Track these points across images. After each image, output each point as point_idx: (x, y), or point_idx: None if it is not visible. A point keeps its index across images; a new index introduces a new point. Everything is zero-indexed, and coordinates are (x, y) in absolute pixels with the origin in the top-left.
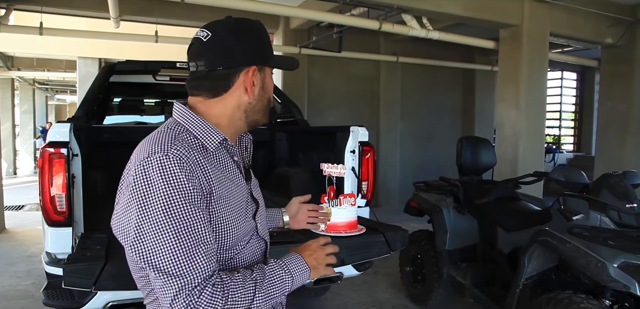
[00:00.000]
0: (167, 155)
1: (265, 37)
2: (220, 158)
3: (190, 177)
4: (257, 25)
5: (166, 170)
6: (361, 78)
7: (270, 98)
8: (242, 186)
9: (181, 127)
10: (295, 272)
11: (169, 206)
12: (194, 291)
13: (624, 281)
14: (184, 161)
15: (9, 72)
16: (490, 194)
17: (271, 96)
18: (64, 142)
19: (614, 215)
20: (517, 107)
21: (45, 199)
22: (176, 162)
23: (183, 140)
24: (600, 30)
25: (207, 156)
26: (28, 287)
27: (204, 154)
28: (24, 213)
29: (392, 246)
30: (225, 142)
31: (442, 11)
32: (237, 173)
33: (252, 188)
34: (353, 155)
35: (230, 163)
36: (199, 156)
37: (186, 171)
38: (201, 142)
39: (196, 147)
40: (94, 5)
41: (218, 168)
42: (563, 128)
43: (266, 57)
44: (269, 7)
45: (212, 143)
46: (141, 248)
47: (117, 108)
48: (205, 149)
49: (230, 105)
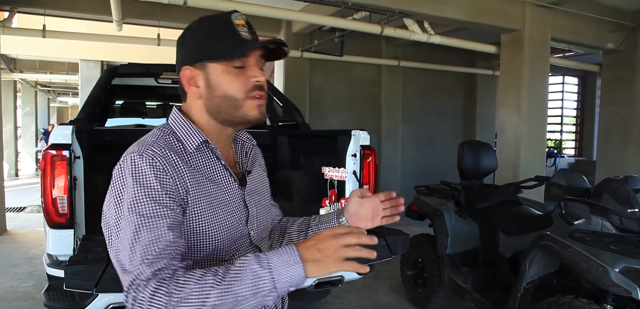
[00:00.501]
0: (141, 154)
1: (207, 33)
2: (203, 160)
3: (160, 176)
4: (203, 21)
5: (137, 168)
6: (363, 82)
7: (226, 96)
8: (233, 191)
9: (169, 129)
10: (277, 266)
11: (134, 204)
12: (140, 285)
13: (625, 286)
14: (156, 160)
15: (11, 74)
16: (491, 198)
17: (228, 93)
18: (66, 144)
19: (615, 220)
20: (518, 111)
21: (47, 201)
22: (147, 161)
23: (163, 142)
24: (601, 35)
25: (187, 158)
26: (29, 289)
27: (183, 156)
28: (25, 214)
29: (393, 250)
30: (206, 144)
31: (444, 16)
32: (226, 176)
33: (247, 194)
34: (354, 159)
35: (217, 165)
36: (175, 158)
37: (156, 170)
38: (183, 143)
39: (176, 149)
40: (97, 8)
41: (198, 171)
42: (564, 132)
43: (203, 53)
44: (271, 11)
45: (192, 144)
46: (110, 243)
47: (119, 111)
48: (185, 151)
49: (195, 108)
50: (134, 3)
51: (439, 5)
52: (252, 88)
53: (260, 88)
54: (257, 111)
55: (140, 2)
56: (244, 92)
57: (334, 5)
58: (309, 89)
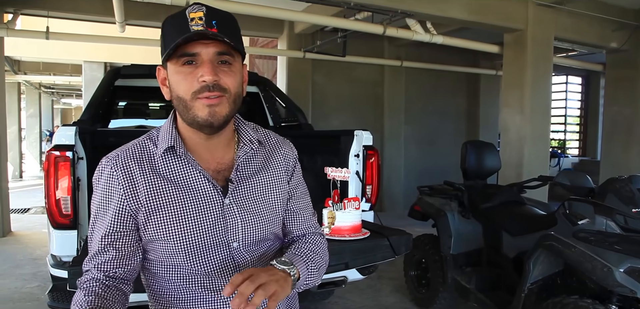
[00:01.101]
0: (106, 157)
1: (166, 30)
2: (173, 166)
3: (108, 182)
4: (167, 19)
5: (96, 171)
6: (365, 82)
7: (177, 97)
8: (209, 199)
9: (156, 132)
10: None
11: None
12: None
13: (630, 286)
14: (110, 165)
15: (15, 76)
16: (495, 198)
17: (179, 94)
18: (70, 145)
19: (619, 220)
20: (521, 111)
21: (51, 202)
22: (102, 167)
23: (132, 147)
24: (605, 34)
25: (155, 164)
26: (33, 290)
27: (152, 162)
28: (29, 216)
29: (397, 250)
30: (172, 150)
31: (446, 15)
32: (200, 182)
33: (231, 203)
34: (357, 159)
35: (189, 171)
36: (135, 165)
37: (106, 176)
38: (157, 148)
39: (143, 155)
40: (100, 10)
41: (165, 178)
42: (568, 132)
43: (162, 53)
44: (274, 12)
45: (160, 150)
46: None
47: (122, 112)
48: (155, 157)
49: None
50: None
51: (441, 5)
52: (199, 89)
53: (209, 88)
54: (205, 112)
55: (143, 4)
56: (191, 94)
57: (336, 5)
58: (312, 90)
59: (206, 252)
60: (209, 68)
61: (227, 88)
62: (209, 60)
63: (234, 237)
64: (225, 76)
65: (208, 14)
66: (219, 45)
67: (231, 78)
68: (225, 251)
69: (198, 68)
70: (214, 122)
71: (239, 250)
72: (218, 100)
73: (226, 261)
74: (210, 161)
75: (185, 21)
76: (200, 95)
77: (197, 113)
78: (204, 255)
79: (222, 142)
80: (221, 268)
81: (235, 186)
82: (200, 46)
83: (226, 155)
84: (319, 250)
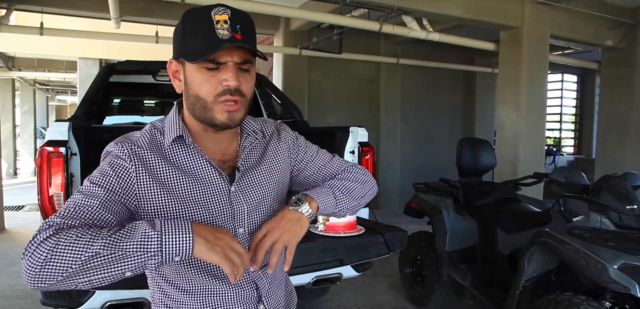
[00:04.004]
0: (115, 143)
1: (186, 28)
2: (181, 155)
3: (116, 165)
4: (187, 14)
5: (106, 152)
6: (361, 79)
7: (197, 96)
8: (216, 187)
9: (162, 123)
10: (167, 231)
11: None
12: (42, 228)
13: (624, 283)
14: (118, 148)
15: (9, 73)
16: (490, 195)
17: (199, 95)
18: (63, 141)
19: (614, 217)
20: (517, 108)
21: (44, 198)
22: (112, 147)
23: (143, 137)
24: (600, 32)
25: (165, 152)
26: (27, 287)
27: (161, 150)
28: (23, 213)
29: (391, 247)
30: (180, 139)
31: (443, 13)
32: (208, 171)
33: (237, 191)
34: (352, 156)
35: (198, 159)
36: (146, 153)
37: (116, 158)
38: (165, 138)
39: (152, 143)
40: (95, 6)
41: (174, 165)
42: (563, 130)
43: (181, 50)
44: (270, 8)
45: (168, 139)
46: None
47: (117, 109)
48: (164, 145)
49: (184, 101)
50: (132, 0)
51: (437, 2)
52: (221, 92)
53: (230, 92)
54: (224, 116)
55: (138, 0)
56: (213, 96)
57: (332, 2)
58: (308, 87)
59: None
60: (233, 74)
61: (245, 94)
62: (233, 66)
63: (240, 223)
64: (245, 82)
65: (232, 17)
66: (243, 54)
67: (249, 84)
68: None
69: (221, 72)
70: (231, 125)
71: (244, 235)
72: (237, 106)
73: None
74: (216, 152)
75: (210, 24)
76: (221, 98)
77: (216, 116)
78: None
79: (228, 134)
80: None
81: (241, 175)
82: (227, 55)
83: (230, 146)
84: (351, 177)
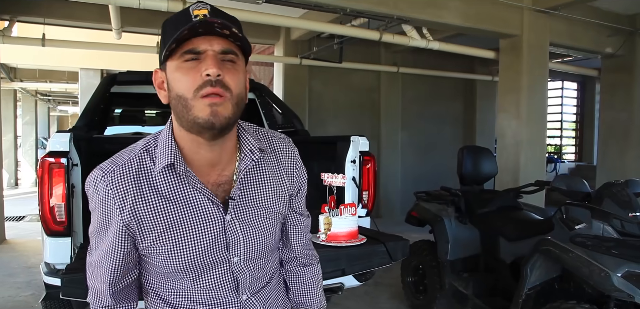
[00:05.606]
0: (100, 170)
1: (167, 28)
2: (171, 183)
3: (104, 203)
4: (169, 18)
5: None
6: (362, 88)
7: (177, 95)
8: (209, 217)
9: (154, 142)
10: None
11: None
12: None
13: (627, 291)
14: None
15: (11, 83)
16: (491, 204)
17: (178, 92)
18: (64, 152)
19: (616, 224)
20: (518, 116)
21: (45, 209)
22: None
23: (129, 163)
24: (600, 40)
25: (153, 180)
26: (27, 298)
27: (146, 178)
28: (24, 223)
29: (393, 256)
30: (172, 167)
31: (442, 21)
32: (201, 201)
33: (233, 219)
34: (354, 165)
35: (189, 189)
36: (131, 183)
37: (102, 195)
38: (154, 163)
39: (140, 171)
40: (96, 17)
41: (163, 196)
42: (564, 137)
43: (162, 52)
44: (270, 18)
45: (158, 165)
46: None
47: (118, 119)
48: (152, 172)
49: (172, 113)
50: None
51: (437, 11)
52: (202, 85)
53: (211, 84)
54: (206, 112)
55: (139, 11)
56: (193, 92)
57: (332, 12)
58: (308, 96)
59: (205, 268)
60: (213, 62)
61: (230, 87)
62: (213, 55)
63: (234, 252)
64: (229, 74)
65: (213, 12)
66: (224, 42)
67: (235, 77)
68: (224, 265)
69: (201, 63)
70: (215, 123)
71: (238, 264)
72: (220, 100)
73: (225, 275)
74: (211, 173)
75: (188, 18)
76: (203, 92)
77: (198, 114)
78: (203, 271)
79: (224, 151)
80: (218, 281)
81: (235, 203)
82: (205, 43)
83: (227, 166)
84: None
